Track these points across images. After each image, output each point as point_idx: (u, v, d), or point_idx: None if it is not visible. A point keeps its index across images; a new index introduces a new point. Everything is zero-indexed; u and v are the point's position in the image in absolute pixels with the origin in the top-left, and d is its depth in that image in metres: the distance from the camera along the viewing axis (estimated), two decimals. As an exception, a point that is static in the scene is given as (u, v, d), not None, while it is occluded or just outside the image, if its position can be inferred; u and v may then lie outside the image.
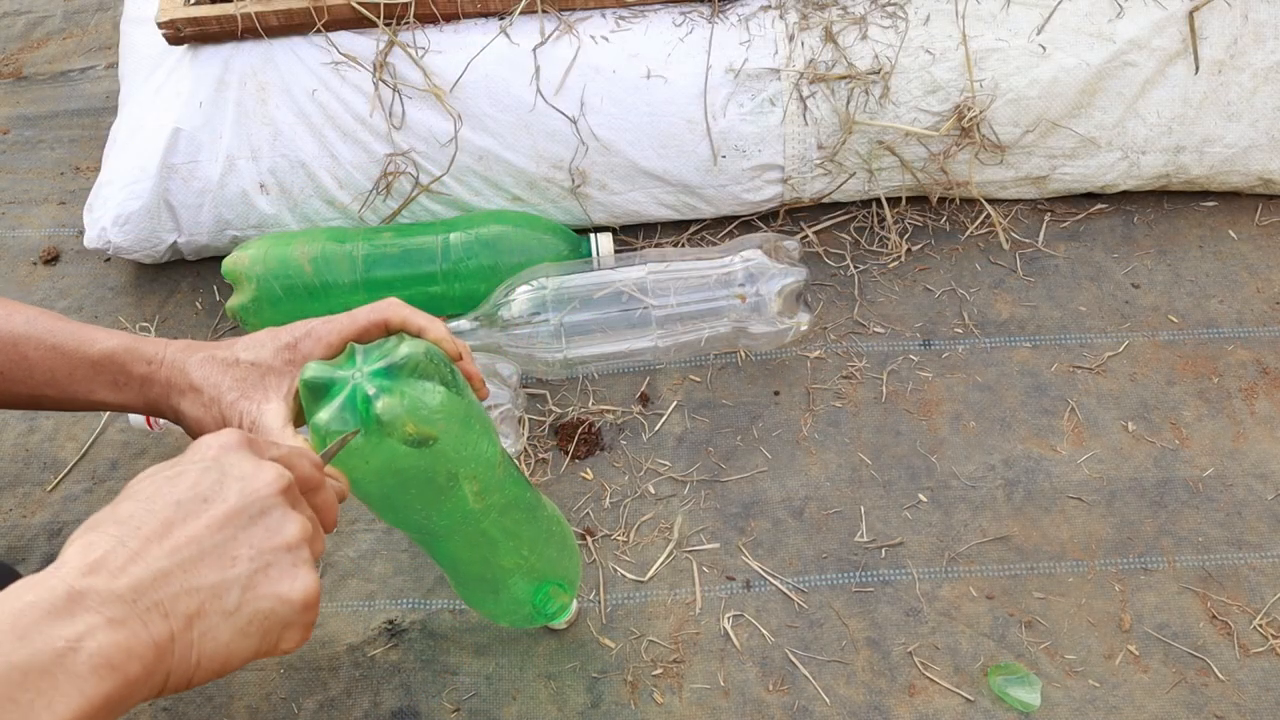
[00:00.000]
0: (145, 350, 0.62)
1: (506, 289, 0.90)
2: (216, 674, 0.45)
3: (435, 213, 1.01)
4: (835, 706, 0.75)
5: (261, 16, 0.94)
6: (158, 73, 1.01)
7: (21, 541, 0.86)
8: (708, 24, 0.97)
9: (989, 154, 1.00)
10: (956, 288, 1.00)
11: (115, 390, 0.63)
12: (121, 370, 0.62)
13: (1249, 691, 0.75)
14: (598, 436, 0.91)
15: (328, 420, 0.55)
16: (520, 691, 0.77)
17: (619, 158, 0.98)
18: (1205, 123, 1.00)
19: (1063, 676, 0.76)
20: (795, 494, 0.87)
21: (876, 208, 1.05)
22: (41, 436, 0.93)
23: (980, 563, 0.82)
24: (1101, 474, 0.87)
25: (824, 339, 0.97)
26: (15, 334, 0.62)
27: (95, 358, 0.62)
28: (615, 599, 0.81)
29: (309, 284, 0.93)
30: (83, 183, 1.14)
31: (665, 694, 0.76)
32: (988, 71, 0.97)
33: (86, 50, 1.30)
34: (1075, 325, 0.97)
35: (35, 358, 0.62)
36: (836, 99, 0.97)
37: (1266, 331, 0.96)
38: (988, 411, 0.91)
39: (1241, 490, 0.86)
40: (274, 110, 0.97)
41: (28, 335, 0.62)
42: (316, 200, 1.00)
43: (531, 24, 0.97)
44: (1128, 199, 1.06)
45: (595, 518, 0.86)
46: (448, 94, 0.96)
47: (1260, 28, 0.99)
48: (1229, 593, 0.80)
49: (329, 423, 0.55)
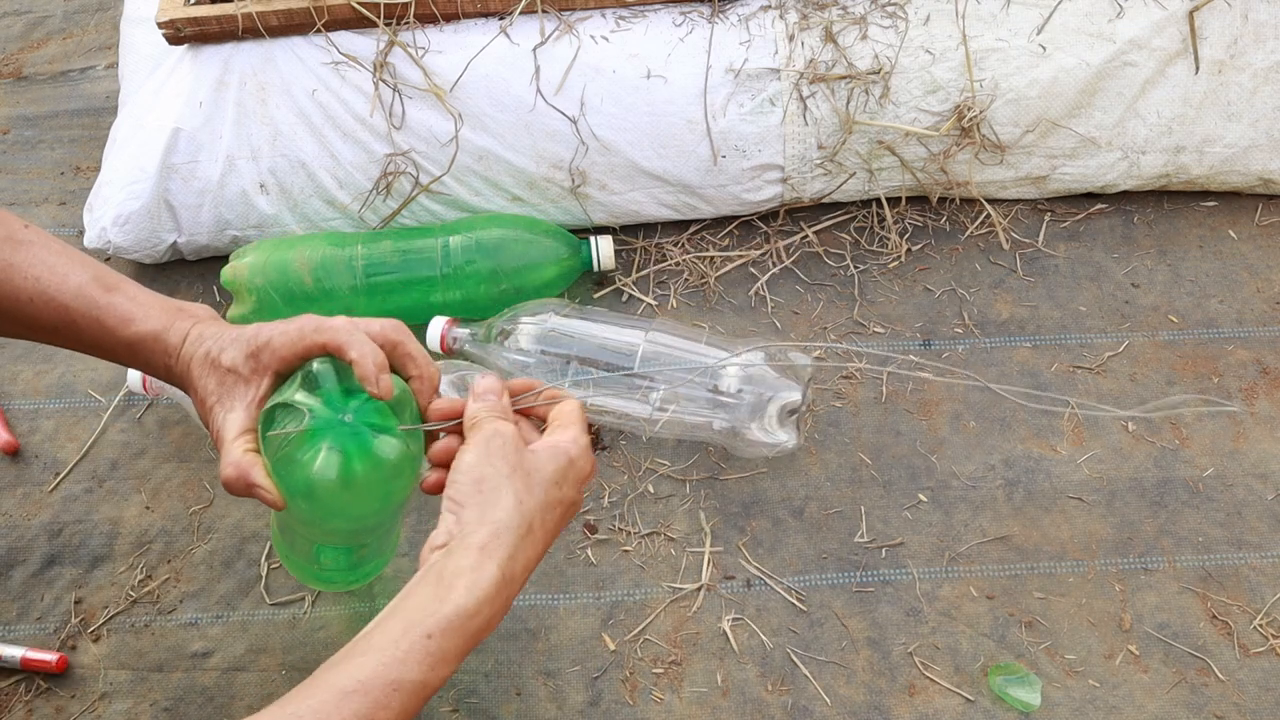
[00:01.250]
0: (170, 342, 0.65)
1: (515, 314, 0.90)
2: None
3: (435, 213, 1.01)
4: (835, 706, 0.75)
5: (261, 16, 0.94)
6: (158, 73, 1.01)
7: (22, 542, 0.86)
8: (708, 24, 0.97)
9: (989, 154, 1.01)
10: (956, 288, 1.00)
11: (147, 369, 0.67)
12: (148, 360, 0.66)
13: (1249, 691, 0.75)
14: (597, 436, 0.91)
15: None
16: (519, 690, 0.77)
17: (619, 158, 0.98)
18: (1205, 123, 1.00)
19: (1063, 676, 0.76)
20: (795, 493, 0.87)
21: (876, 208, 1.05)
22: (41, 436, 0.93)
23: (980, 563, 0.82)
24: (1101, 474, 0.87)
25: (824, 339, 0.97)
26: (68, 300, 0.66)
27: (130, 340, 0.66)
28: (614, 598, 0.81)
29: (309, 293, 0.93)
30: (83, 183, 1.14)
31: (665, 693, 0.76)
32: (988, 71, 0.97)
33: (86, 50, 1.30)
34: (1075, 325, 0.97)
35: (83, 325, 0.66)
36: (836, 99, 0.97)
37: (1266, 331, 0.96)
38: (988, 411, 0.91)
39: (1241, 490, 0.86)
40: (274, 110, 0.97)
41: (76, 304, 0.66)
42: (316, 200, 1.00)
43: (531, 24, 0.97)
44: (1128, 199, 1.06)
45: (595, 517, 0.86)
46: (448, 94, 0.96)
47: (1260, 28, 0.99)
48: (1229, 593, 0.80)
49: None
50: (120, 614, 0.82)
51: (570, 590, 0.82)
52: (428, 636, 0.54)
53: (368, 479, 0.61)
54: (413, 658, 0.53)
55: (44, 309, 0.66)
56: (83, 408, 0.95)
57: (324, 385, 0.62)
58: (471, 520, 0.57)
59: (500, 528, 0.57)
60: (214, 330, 0.65)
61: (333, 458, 0.60)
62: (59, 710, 0.77)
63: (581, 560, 0.83)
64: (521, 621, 0.80)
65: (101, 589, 0.83)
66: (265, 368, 0.63)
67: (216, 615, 0.82)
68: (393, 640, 0.54)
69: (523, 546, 0.58)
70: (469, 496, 0.58)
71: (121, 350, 0.66)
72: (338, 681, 0.52)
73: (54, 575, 0.84)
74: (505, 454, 0.59)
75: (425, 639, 0.54)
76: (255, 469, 0.61)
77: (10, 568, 0.85)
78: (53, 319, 0.66)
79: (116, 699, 0.78)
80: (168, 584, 0.83)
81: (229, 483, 0.61)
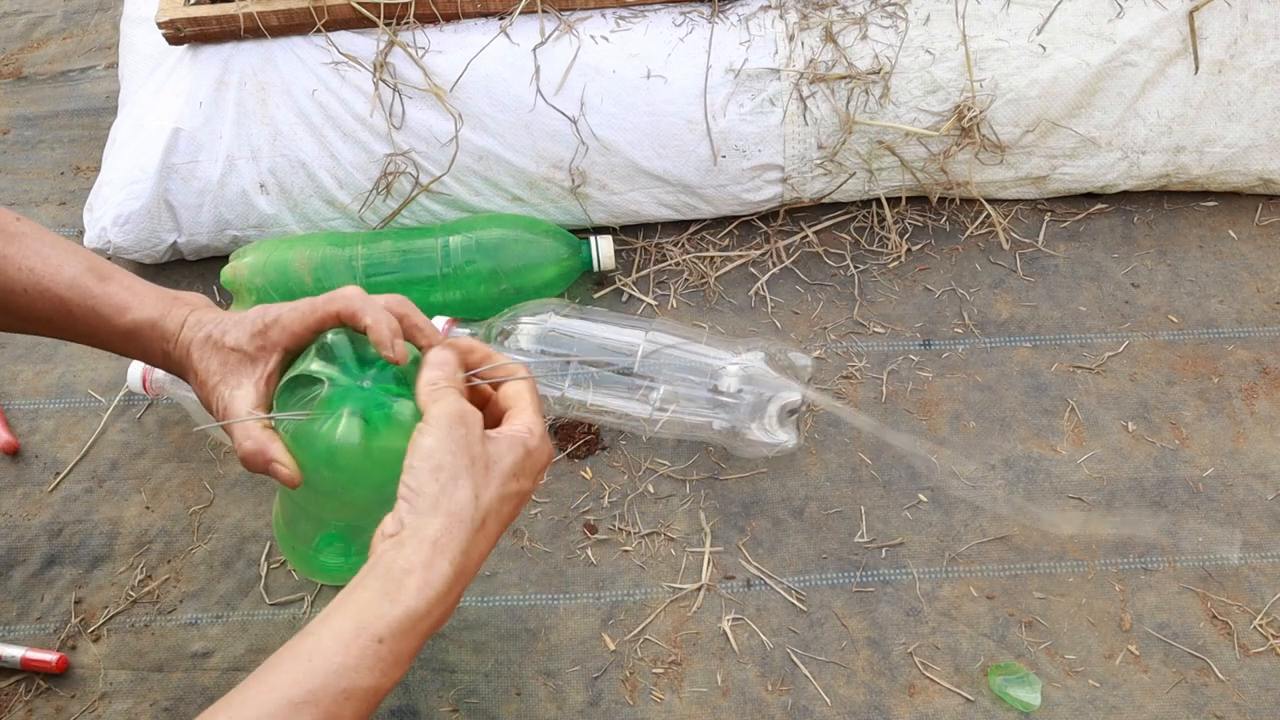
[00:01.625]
0: (167, 328, 0.65)
1: (515, 314, 0.90)
2: None
3: (435, 213, 1.01)
4: (835, 706, 0.75)
5: (261, 16, 0.94)
6: (158, 73, 1.01)
7: (22, 542, 0.86)
8: (708, 24, 0.97)
9: (989, 154, 1.01)
10: (956, 288, 1.00)
11: (144, 357, 0.67)
12: (145, 347, 0.66)
13: (1249, 691, 0.75)
14: (597, 436, 0.91)
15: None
16: (519, 690, 0.77)
17: (619, 158, 0.98)
18: (1205, 123, 1.00)
19: (1063, 676, 0.76)
20: (795, 493, 0.87)
21: (876, 208, 1.05)
22: (41, 437, 0.93)
23: (980, 563, 0.82)
24: (1101, 474, 0.87)
25: (824, 339, 0.97)
26: (63, 291, 0.66)
27: (126, 329, 0.65)
28: (614, 598, 0.81)
29: (309, 292, 0.92)
30: (83, 183, 1.14)
31: (665, 693, 0.76)
32: (988, 71, 0.97)
33: (86, 50, 1.30)
34: (1075, 325, 0.97)
35: (79, 314, 0.66)
36: (836, 99, 0.97)
37: (1266, 331, 0.96)
38: (988, 411, 0.91)
39: (1241, 490, 0.86)
40: (274, 110, 0.97)
41: (71, 295, 0.66)
42: (316, 200, 1.00)
43: (531, 24, 0.97)
44: (1128, 199, 1.06)
45: (595, 517, 0.86)
46: (448, 94, 0.96)
47: (1260, 28, 0.99)
48: (1229, 593, 0.80)
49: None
50: (120, 614, 0.82)
51: (570, 590, 0.82)
52: (379, 641, 0.52)
53: (389, 442, 0.61)
54: (365, 664, 0.51)
55: (38, 300, 0.66)
56: (83, 408, 0.95)
57: (339, 355, 0.62)
58: (425, 510, 0.55)
59: (454, 520, 0.55)
60: (213, 315, 0.65)
61: (354, 422, 0.60)
62: (59, 710, 0.77)
63: (581, 560, 0.83)
64: (521, 621, 0.80)
65: (101, 589, 0.83)
66: (274, 344, 0.62)
67: (216, 615, 0.82)
68: (343, 645, 0.52)
69: (476, 541, 0.56)
70: (425, 484, 0.56)
71: (117, 339, 0.66)
72: (288, 691, 0.51)
73: (54, 575, 0.84)
74: (467, 443, 0.57)
75: (377, 644, 0.52)
76: (274, 444, 0.60)
77: (10, 568, 0.85)
78: (47, 310, 0.66)
79: (116, 699, 0.78)
80: (168, 584, 0.83)
81: (248, 457, 0.60)
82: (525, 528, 0.85)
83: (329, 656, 0.51)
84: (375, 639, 0.52)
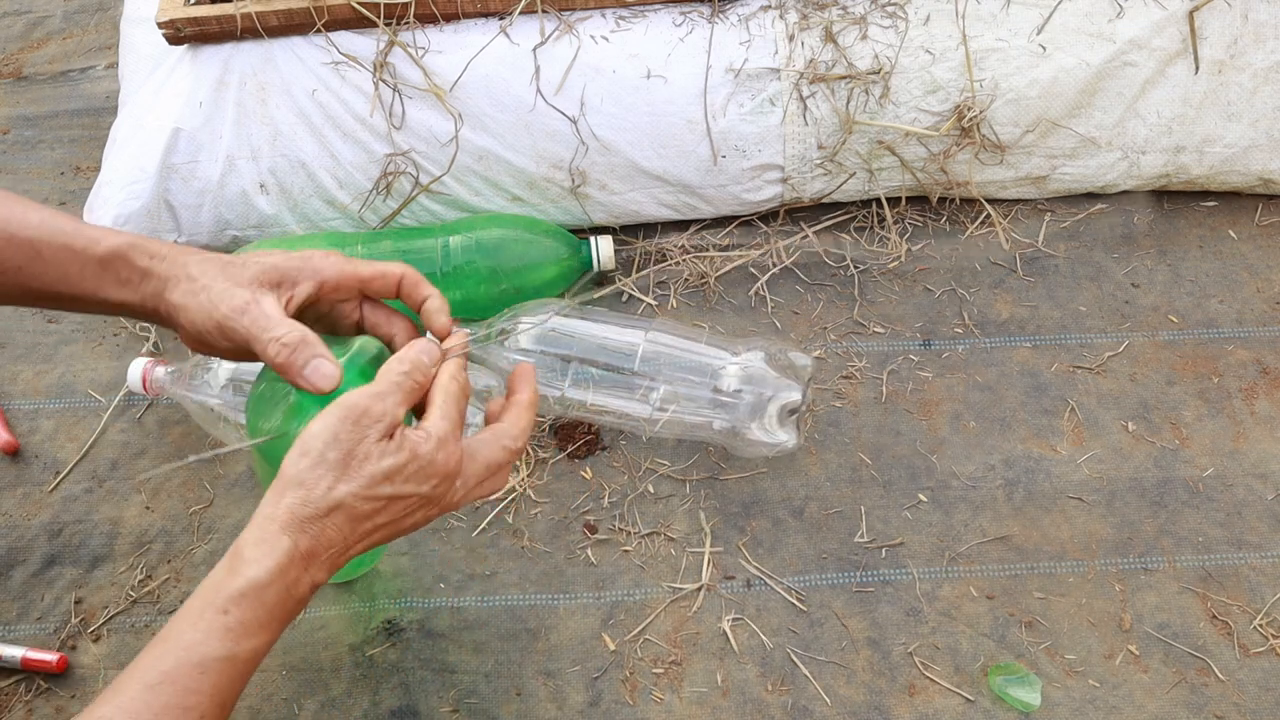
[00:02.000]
0: (151, 246, 0.64)
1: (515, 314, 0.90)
2: None
3: (435, 213, 1.01)
4: (835, 706, 0.75)
5: (261, 16, 0.94)
6: (158, 73, 1.01)
7: (22, 542, 0.86)
8: (708, 24, 0.97)
9: (989, 154, 1.01)
10: (956, 288, 1.00)
11: (120, 287, 0.65)
12: (126, 264, 0.64)
13: (1249, 691, 0.75)
14: (597, 436, 0.91)
15: None
16: (519, 690, 0.77)
17: (619, 158, 0.98)
18: (1205, 123, 1.00)
19: (1063, 676, 0.76)
20: (795, 493, 0.87)
21: (876, 208, 1.05)
22: (41, 436, 0.93)
23: (980, 563, 0.82)
24: (1101, 474, 0.87)
25: (824, 339, 0.97)
26: (31, 233, 0.65)
27: (103, 255, 0.64)
28: (614, 598, 0.81)
29: None
30: (83, 183, 1.14)
31: (665, 693, 0.76)
32: (988, 71, 0.97)
33: (86, 50, 1.30)
34: (1075, 325, 0.97)
35: (49, 255, 0.64)
36: (836, 99, 0.97)
37: (1266, 331, 0.96)
38: (988, 411, 0.91)
39: (1241, 490, 0.86)
40: (274, 110, 0.97)
41: (40, 234, 0.64)
42: (316, 200, 1.00)
43: (531, 24, 0.97)
44: (1128, 199, 1.06)
45: (595, 517, 0.86)
46: (448, 94, 0.96)
47: (1260, 28, 0.99)
48: (1229, 593, 0.80)
49: None
50: (120, 614, 0.82)
51: (570, 590, 0.82)
52: (223, 612, 0.54)
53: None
54: (213, 635, 0.54)
55: (5, 247, 0.64)
56: (83, 408, 0.95)
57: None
58: (278, 488, 0.57)
59: (300, 502, 0.56)
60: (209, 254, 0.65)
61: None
62: (59, 710, 0.77)
63: (581, 560, 0.83)
64: (521, 621, 0.80)
65: (101, 589, 0.83)
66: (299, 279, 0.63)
67: (216, 615, 0.81)
68: (191, 621, 0.54)
69: (326, 526, 0.56)
70: (288, 465, 0.57)
71: (91, 271, 0.64)
72: (144, 676, 0.53)
73: (54, 575, 0.84)
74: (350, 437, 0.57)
75: (221, 614, 0.54)
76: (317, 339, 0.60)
77: (10, 568, 0.85)
78: (16, 257, 0.64)
79: (116, 699, 0.77)
80: (168, 584, 0.83)
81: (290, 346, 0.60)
82: (525, 528, 0.85)
83: (180, 634, 0.54)
84: (220, 610, 0.54)
